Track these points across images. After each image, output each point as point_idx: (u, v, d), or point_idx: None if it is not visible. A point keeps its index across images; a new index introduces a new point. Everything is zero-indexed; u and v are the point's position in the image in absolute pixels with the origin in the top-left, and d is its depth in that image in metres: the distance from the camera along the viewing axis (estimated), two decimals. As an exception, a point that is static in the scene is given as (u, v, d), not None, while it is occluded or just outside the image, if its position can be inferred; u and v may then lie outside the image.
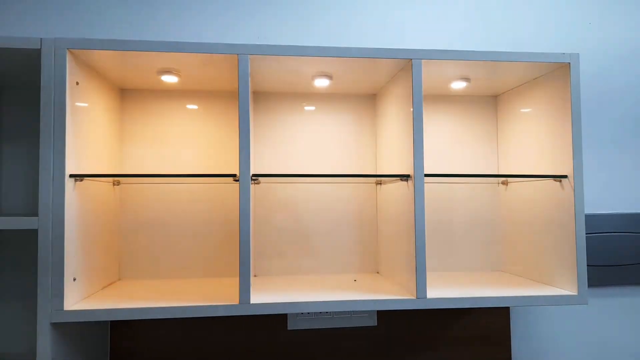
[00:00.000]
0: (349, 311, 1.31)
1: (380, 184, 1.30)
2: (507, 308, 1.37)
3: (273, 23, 1.34)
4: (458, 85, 1.27)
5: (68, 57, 0.95)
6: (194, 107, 1.29)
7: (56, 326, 0.95)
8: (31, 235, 1.22)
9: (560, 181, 1.10)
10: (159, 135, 1.28)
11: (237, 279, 1.24)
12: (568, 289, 1.09)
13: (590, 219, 1.39)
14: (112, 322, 1.25)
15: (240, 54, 0.99)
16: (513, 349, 1.39)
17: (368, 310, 1.27)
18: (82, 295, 1.02)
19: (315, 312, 1.30)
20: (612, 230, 1.39)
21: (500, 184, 1.37)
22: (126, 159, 1.26)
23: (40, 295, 0.92)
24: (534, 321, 1.40)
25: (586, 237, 1.37)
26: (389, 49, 1.04)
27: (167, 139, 1.28)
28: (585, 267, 1.06)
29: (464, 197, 1.36)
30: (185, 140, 1.28)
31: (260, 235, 1.29)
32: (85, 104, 1.04)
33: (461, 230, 1.36)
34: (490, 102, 1.39)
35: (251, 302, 0.98)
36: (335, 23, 1.37)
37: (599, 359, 1.41)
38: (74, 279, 0.98)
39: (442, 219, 1.35)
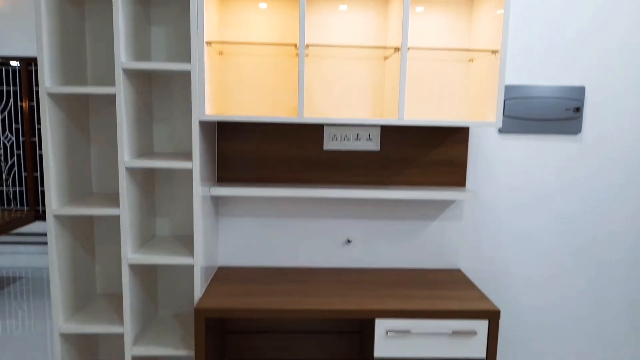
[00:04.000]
0: (362, 137, 2.08)
1: (386, 58, 2.01)
2: (466, 143, 2.11)
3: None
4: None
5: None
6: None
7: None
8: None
9: (495, 54, 1.79)
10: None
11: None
12: (493, 120, 1.82)
13: (518, 88, 2.07)
14: (219, 128, 2.07)
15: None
16: (468, 169, 2.15)
17: (373, 138, 2.04)
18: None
19: (340, 138, 2.08)
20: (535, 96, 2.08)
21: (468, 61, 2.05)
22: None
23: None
24: (482, 152, 2.14)
25: (516, 100, 2.07)
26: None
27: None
28: (502, 105, 1.78)
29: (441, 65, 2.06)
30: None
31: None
32: None
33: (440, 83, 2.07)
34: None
35: (304, 116, 1.76)
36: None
37: (519, 173, 2.16)
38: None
39: (424, 85, 2.06)
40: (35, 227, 4.65)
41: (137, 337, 1.92)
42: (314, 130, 2.09)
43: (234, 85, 2.03)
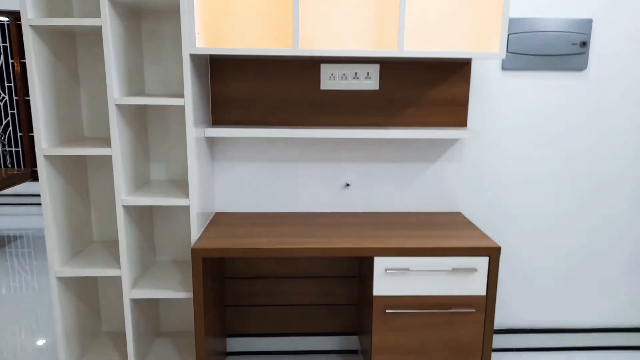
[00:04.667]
0: (360, 76, 2.01)
1: (386, -10, 1.92)
2: (468, 81, 2.04)
3: None
4: None
5: None
6: None
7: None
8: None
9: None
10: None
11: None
12: (497, 51, 1.74)
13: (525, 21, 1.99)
14: (212, 69, 2.01)
15: None
16: (470, 109, 2.09)
17: (372, 76, 1.98)
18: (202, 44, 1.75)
19: (338, 77, 2.01)
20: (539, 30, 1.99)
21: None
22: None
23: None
24: (485, 90, 2.08)
25: (520, 35, 1.98)
26: None
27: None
28: (506, 37, 1.71)
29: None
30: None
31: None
32: None
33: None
34: None
35: (299, 48, 1.69)
36: None
37: (522, 112, 2.10)
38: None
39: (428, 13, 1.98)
40: (33, 187, 4.63)
41: (136, 281, 1.91)
42: (311, 70, 2.01)
43: (226, 18, 1.95)
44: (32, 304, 2.87)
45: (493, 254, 1.75)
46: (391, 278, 1.76)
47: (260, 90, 2.03)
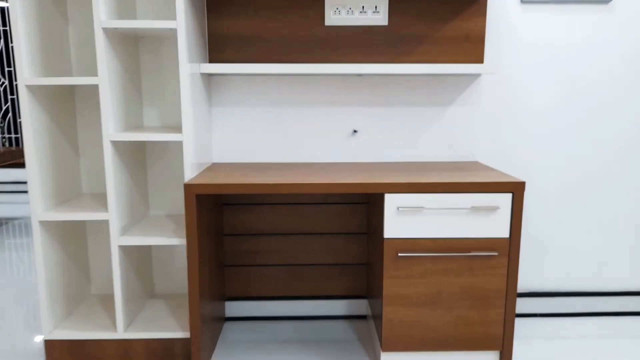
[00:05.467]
0: (368, 10, 1.86)
1: None
2: (484, 15, 1.89)
3: None
4: None
5: None
6: None
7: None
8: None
9: None
10: None
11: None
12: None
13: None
14: (209, 4, 1.87)
15: None
16: (486, 46, 1.94)
17: (381, 10, 1.83)
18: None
19: (344, 12, 1.87)
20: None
21: None
22: None
23: None
24: (502, 25, 1.92)
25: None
26: None
27: None
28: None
29: None
30: None
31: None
32: None
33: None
34: None
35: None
36: None
37: (542, 49, 1.95)
38: None
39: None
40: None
41: (125, 228, 1.76)
42: (315, 3, 1.87)
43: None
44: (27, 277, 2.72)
45: (517, 189, 1.58)
46: (404, 218, 1.59)
47: (260, 27, 1.89)
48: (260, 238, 2.05)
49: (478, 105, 1.98)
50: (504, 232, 1.61)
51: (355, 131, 2.00)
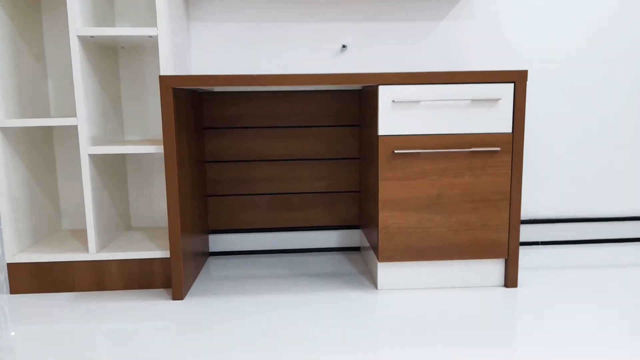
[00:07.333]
0: None
1: None
2: None
3: None
4: None
5: None
6: None
7: None
8: None
9: None
10: None
11: None
12: None
13: None
14: None
15: None
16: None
17: None
18: None
19: None
20: None
21: None
22: None
23: None
24: None
25: None
26: None
27: None
28: None
29: None
30: None
31: None
32: None
33: None
34: None
35: None
36: None
37: None
38: None
39: None
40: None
41: (95, 140, 1.61)
42: None
43: None
44: None
45: (519, 78, 1.48)
46: (399, 113, 1.48)
47: None
48: (244, 165, 1.92)
49: (472, 19, 1.88)
50: (506, 126, 1.50)
51: (344, 46, 1.89)
